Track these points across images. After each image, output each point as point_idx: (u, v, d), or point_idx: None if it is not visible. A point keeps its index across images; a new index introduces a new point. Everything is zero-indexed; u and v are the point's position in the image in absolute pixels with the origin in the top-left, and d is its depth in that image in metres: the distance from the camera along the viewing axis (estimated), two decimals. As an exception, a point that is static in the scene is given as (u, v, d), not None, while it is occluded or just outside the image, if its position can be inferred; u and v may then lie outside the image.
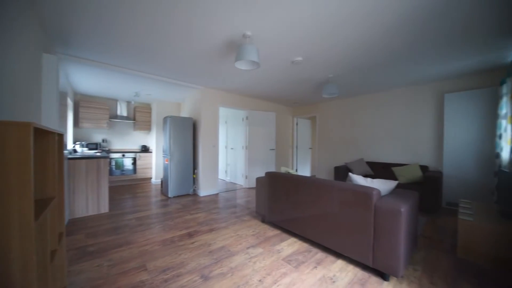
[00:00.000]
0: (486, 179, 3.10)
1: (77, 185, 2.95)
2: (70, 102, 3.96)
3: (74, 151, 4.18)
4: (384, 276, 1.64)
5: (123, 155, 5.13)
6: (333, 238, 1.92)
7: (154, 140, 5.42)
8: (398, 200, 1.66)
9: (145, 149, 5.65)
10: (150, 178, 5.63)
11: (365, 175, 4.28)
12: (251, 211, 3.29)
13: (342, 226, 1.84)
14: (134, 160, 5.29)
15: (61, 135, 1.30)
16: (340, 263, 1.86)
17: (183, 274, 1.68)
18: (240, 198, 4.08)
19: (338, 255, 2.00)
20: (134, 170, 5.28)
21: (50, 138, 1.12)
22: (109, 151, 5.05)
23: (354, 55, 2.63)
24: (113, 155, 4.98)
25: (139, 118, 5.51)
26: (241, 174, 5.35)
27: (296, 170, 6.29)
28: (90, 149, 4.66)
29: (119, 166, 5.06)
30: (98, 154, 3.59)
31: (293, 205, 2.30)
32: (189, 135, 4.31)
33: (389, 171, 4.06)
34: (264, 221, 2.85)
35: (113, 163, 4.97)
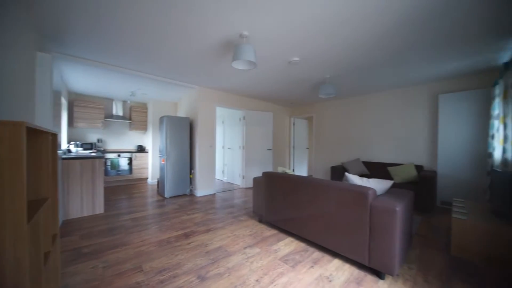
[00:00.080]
0: (479, 179, 3.16)
1: (71, 185, 2.91)
2: (64, 102, 3.90)
3: (69, 151, 4.12)
4: (379, 274, 1.66)
5: (119, 155, 5.08)
6: (329, 237, 1.93)
7: (151, 140, 5.38)
8: (393, 199, 1.68)
9: (141, 149, 5.60)
10: (146, 178, 5.58)
11: (361, 175, 4.32)
12: (248, 211, 3.29)
13: (339, 225, 1.86)
14: (130, 160, 5.24)
15: (55, 135, 1.28)
16: (336, 262, 1.88)
17: (180, 275, 1.67)
18: (237, 198, 4.07)
19: (335, 254, 2.01)
20: (130, 170, 5.23)
21: (43, 138, 1.10)
22: (104, 151, 4.99)
23: (351, 56, 2.65)
24: (108, 155, 4.93)
25: (135, 117, 5.46)
26: (238, 174, 5.34)
27: (293, 170, 6.31)
28: (85, 149, 4.60)
29: (115, 166, 5.01)
30: (93, 154, 3.54)
31: (290, 205, 2.31)
32: (185, 135, 4.29)
33: (384, 171, 4.11)
34: (261, 221, 2.86)
35: (108, 163, 4.91)
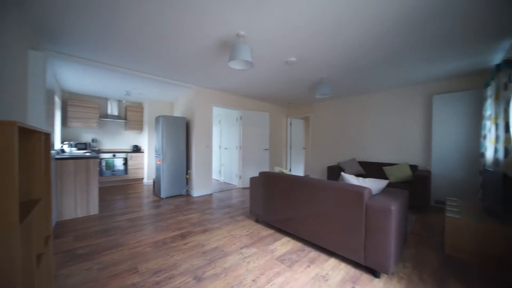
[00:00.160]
0: (472, 178, 3.21)
1: (65, 186, 2.86)
2: (58, 101, 3.83)
3: (62, 151, 4.05)
4: (375, 273, 1.67)
5: (114, 155, 5.01)
6: (326, 237, 1.94)
7: (146, 140, 5.33)
8: (388, 198, 1.70)
9: (136, 149, 5.55)
10: (142, 178, 5.53)
11: (357, 175, 4.36)
12: (245, 211, 3.28)
13: (335, 225, 1.87)
14: (126, 160, 5.18)
15: (48, 135, 1.26)
16: (332, 262, 1.89)
17: (176, 276, 1.66)
18: (234, 198, 4.06)
19: (331, 254, 2.02)
20: (126, 170, 5.18)
21: (36, 138, 1.08)
22: (99, 151, 4.92)
23: (347, 57, 2.67)
24: (103, 155, 4.86)
25: (131, 117, 5.40)
26: (235, 174, 5.33)
27: (289, 170, 6.33)
28: (79, 149, 4.53)
29: (110, 166, 4.95)
30: (88, 154, 3.49)
31: (286, 204, 2.32)
32: (182, 135, 4.26)
33: (380, 171, 4.15)
34: (258, 221, 2.86)
35: (103, 164, 4.85)
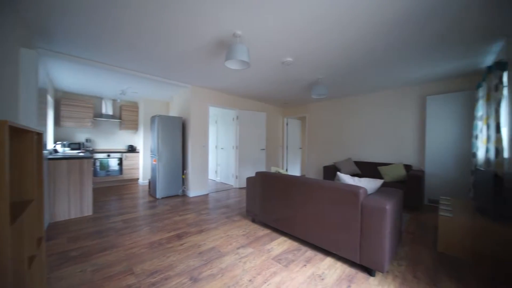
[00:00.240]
0: (464, 177, 3.28)
1: (58, 186, 2.80)
2: (50, 100, 3.76)
3: (55, 151, 3.98)
4: (370, 271, 1.69)
5: (109, 155, 4.94)
6: (322, 236, 1.96)
7: (142, 139, 5.27)
8: (383, 198, 1.72)
9: (132, 149, 5.48)
10: (137, 179, 5.46)
11: (352, 174, 4.40)
12: (242, 211, 3.28)
13: (331, 224, 1.88)
14: (120, 160, 5.11)
15: (40, 134, 1.23)
16: (328, 261, 1.90)
17: (172, 277, 1.65)
18: (230, 198, 4.06)
19: (327, 253, 2.04)
20: (120, 170, 5.11)
21: (28, 138, 1.06)
22: (93, 151, 4.84)
23: (343, 57, 2.70)
24: (97, 155, 4.79)
25: (126, 117, 5.33)
26: (231, 174, 5.32)
27: (286, 169, 6.35)
28: (73, 149, 4.45)
29: (104, 166, 4.88)
30: (81, 154, 3.44)
31: (283, 204, 2.32)
32: (178, 135, 4.23)
33: (375, 170, 4.20)
34: (254, 221, 2.86)
35: (97, 164, 4.78)
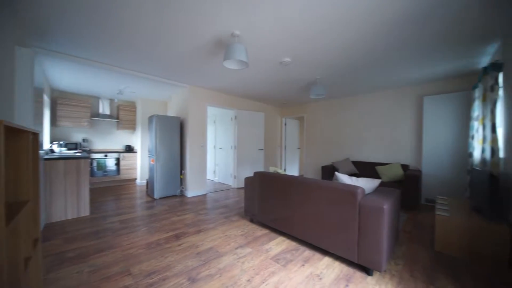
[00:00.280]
0: (461, 177, 3.31)
1: (54, 187, 2.78)
2: (46, 99, 3.72)
3: (51, 151, 3.94)
4: (368, 271, 1.70)
5: (106, 155, 4.91)
6: (320, 236, 1.96)
7: (139, 139, 5.25)
8: (381, 197, 1.73)
9: (129, 149, 5.45)
10: (135, 179, 5.44)
11: (350, 174, 4.42)
12: (240, 211, 3.28)
13: (329, 224, 1.89)
14: (118, 160, 5.08)
15: (36, 134, 1.22)
16: (326, 260, 1.91)
17: (170, 277, 1.64)
18: (228, 198, 4.05)
19: (325, 253, 2.04)
20: (118, 171, 5.08)
21: (23, 137, 1.05)
22: (90, 151, 4.81)
23: (341, 58, 2.70)
24: (94, 156, 4.75)
25: (123, 116, 5.30)
26: (229, 174, 5.31)
27: (284, 169, 6.36)
28: (69, 149, 4.41)
29: (102, 167, 4.84)
30: (78, 154, 3.41)
31: (281, 204, 2.33)
32: (176, 135, 4.22)
33: (373, 170, 4.22)
34: (252, 221, 2.86)
35: (94, 164, 4.74)
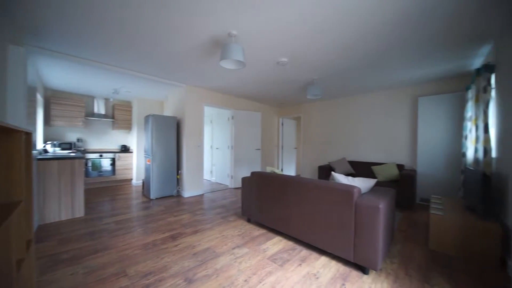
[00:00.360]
0: (454, 177, 3.37)
1: (48, 188, 2.73)
2: (40, 98, 3.66)
3: (45, 151, 3.88)
4: (364, 270, 1.71)
5: (101, 156, 4.85)
6: (317, 235, 1.97)
7: (135, 139, 5.20)
8: (376, 197, 1.75)
9: (125, 149, 5.39)
10: (131, 179, 5.38)
11: (347, 174, 4.45)
12: (237, 211, 3.27)
13: (325, 223, 1.90)
14: (113, 160, 5.02)
15: (29, 134, 1.20)
16: (323, 260, 1.92)
17: (166, 278, 1.63)
18: (225, 199, 4.04)
19: (322, 252, 2.05)
20: (113, 171, 5.02)
21: (16, 137, 1.03)
22: (85, 151, 4.74)
23: (338, 58, 2.72)
24: (89, 156, 4.69)
25: (119, 116, 5.24)
26: (226, 174, 5.30)
27: (281, 169, 6.37)
28: (63, 149, 4.35)
29: (97, 167, 4.78)
30: (73, 154, 3.36)
31: (278, 204, 2.33)
32: (172, 135, 4.19)
33: (369, 170, 4.26)
34: (250, 221, 2.85)
35: (89, 164, 4.68)
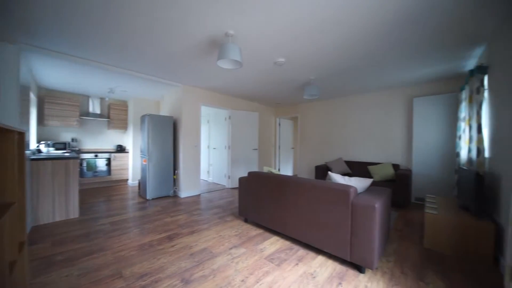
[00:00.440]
0: (449, 176, 3.42)
1: (41, 188, 2.69)
2: (33, 98, 3.59)
3: (38, 151, 3.82)
4: (360, 268, 1.73)
5: (96, 156, 4.79)
6: (313, 235, 1.98)
7: (131, 139, 5.15)
8: (372, 196, 1.76)
9: (120, 149, 5.33)
10: (127, 179, 5.33)
11: (343, 174, 4.48)
12: (234, 211, 3.27)
13: (322, 223, 1.91)
14: (109, 160, 4.96)
15: (22, 134, 1.17)
16: (320, 259, 1.93)
17: (162, 279, 1.62)
18: (222, 199, 4.03)
19: (319, 251, 2.06)
20: (109, 171, 4.96)
21: (8, 137, 1.01)
22: (79, 151, 4.68)
23: (335, 58, 2.73)
24: (84, 156, 4.63)
25: (114, 116, 5.18)
26: (223, 174, 5.29)
27: (278, 169, 6.38)
28: (57, 149, 4.28)
29: (92, 167, 4.72)
30: (67, 154, 3.31)
31: (275, 204, 2.33)
32: (169, 135, 4.16)
33: (365, 170, 4.30)
34: (247, 221, 2.85)
35: (84, 164, 4.62)
